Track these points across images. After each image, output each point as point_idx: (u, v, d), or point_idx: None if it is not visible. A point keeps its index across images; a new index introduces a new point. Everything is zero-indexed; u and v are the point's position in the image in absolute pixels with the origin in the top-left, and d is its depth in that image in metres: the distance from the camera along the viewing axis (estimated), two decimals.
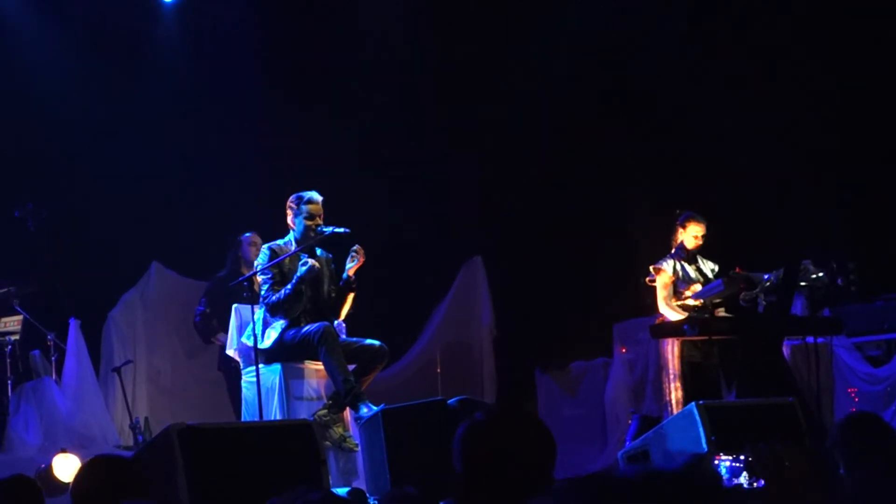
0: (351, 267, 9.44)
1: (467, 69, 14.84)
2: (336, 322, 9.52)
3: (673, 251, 11.06)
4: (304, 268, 9.32)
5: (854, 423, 5.82)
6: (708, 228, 10.99)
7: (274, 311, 9.39)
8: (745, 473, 7.06)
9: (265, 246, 9.60)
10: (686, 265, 10.97)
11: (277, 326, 9.39)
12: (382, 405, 8.77)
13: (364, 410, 8.88)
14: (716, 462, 7.44)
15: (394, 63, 14.67)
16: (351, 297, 9.61)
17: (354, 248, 9.45)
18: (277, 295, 9.33)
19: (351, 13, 14.84)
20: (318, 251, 9.67)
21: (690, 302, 10.85)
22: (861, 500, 3.99)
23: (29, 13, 13.93)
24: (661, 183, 14.09)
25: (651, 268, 11.02)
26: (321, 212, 9.51)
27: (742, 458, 7.07)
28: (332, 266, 9.76)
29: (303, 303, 9.38)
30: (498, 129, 14.70)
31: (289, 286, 9.32)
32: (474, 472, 3.43)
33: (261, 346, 9.27)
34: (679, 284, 10.91)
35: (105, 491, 5.05)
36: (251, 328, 9.35)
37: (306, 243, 9.49)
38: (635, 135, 14.70)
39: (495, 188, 14.76)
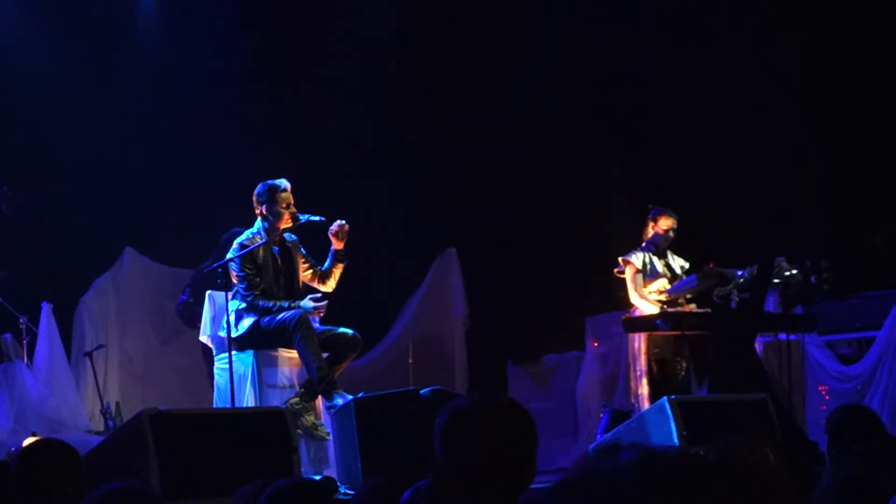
0: (340, 241, 9.52)
1: (447, 59, 14.84)
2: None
3: (644, 244, 11.13)
4: (309, 305, 9.31)
5: (843, 412, 5.89)
6: (679, 223, 11.05)
7: (253, 310, 9.37)
8: None
9: (236, 241, 9.55)
10: (655, 259, 11.04)
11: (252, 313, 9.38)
12: (361, 393, 8.78)
13: (338, 400, 8.88)
14: None
15: (373, 52, 14.64)
16: (341, 268, 9.65)
17: (340, 222, 9.48)
18: (266, 303, 9.32)
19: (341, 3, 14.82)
20: (286, 236, 9.65)
21: (654, 297, 10.91)
22: (848, 487, 3.99)
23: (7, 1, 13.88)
24: (636, 177, 14.13)
25: (620, 259, 11.09)
26: (292, 198, 9.51)
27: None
28: (303, 250, 9.77)
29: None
30: (474, 120, 14.70)
31: (285, 304, 9.30)
32: (455, 462, 3.40)
33: (234, 334, 9.26)
34: (644, 277, 10.97)
35: (47, 471, 5.04)
36: (225, 319, 9.33)
37: (277, 232, 9.48)
38: (612, 129, 14.73)
39: (470, 180, 14.76)
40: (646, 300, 10.85)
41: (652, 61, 14.28)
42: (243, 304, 9.38)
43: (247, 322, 9.32)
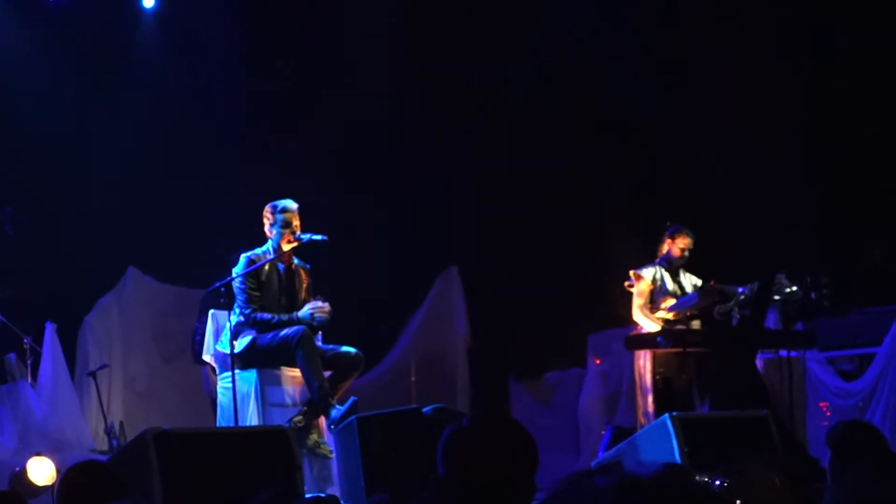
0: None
1: (445, 82, 14.87)
2: None
3: (657, 260, 11.13)
4: (307, 312, 9.32)
5: (846, 427, 5.90)
6: (694, 244, 11.08)
7: (250, 325, 9.37)
8: None
9: (243, 255, 9.58)
10: (667, 276, 11.05)
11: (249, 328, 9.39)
12: (352, 398, 8.80)
13: (333, 412, 8.89)
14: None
15: (372, 74, 14.67)
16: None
17: (323, 307, 9.45)
18: (263, 316, 9.31)
19: (334, 19, 14.83)
20: (296, 260, 9.68)
21: (661, 314, 10.93)
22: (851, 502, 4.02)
23: (9, 20, 13.92)
24: (636, 196, 14.15)
25: (631, 273, 11.09)
26: (296, 219, 9.52)
27: (718, 480, 7.08)
28: (309, 275, 9.78)
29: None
30: (475, 140, 14.73)
31: (285, 317, 9.31)
32: (457, 478, 3.46)
33: (233, 349, 9.27)
34: (656, 294, 10.99)
35: (91, 493, 5.11)
36: (227, 336, 9.35)
37: (283, 252, 9.51)
38: (611, 149, 14.76)
39: (472, 199, 14.80)
40: (647, 317, 10.88)
41: (649, 88, 14.31)
42: (241, 318, 9.38)
43: (245, 337, 9.33)
